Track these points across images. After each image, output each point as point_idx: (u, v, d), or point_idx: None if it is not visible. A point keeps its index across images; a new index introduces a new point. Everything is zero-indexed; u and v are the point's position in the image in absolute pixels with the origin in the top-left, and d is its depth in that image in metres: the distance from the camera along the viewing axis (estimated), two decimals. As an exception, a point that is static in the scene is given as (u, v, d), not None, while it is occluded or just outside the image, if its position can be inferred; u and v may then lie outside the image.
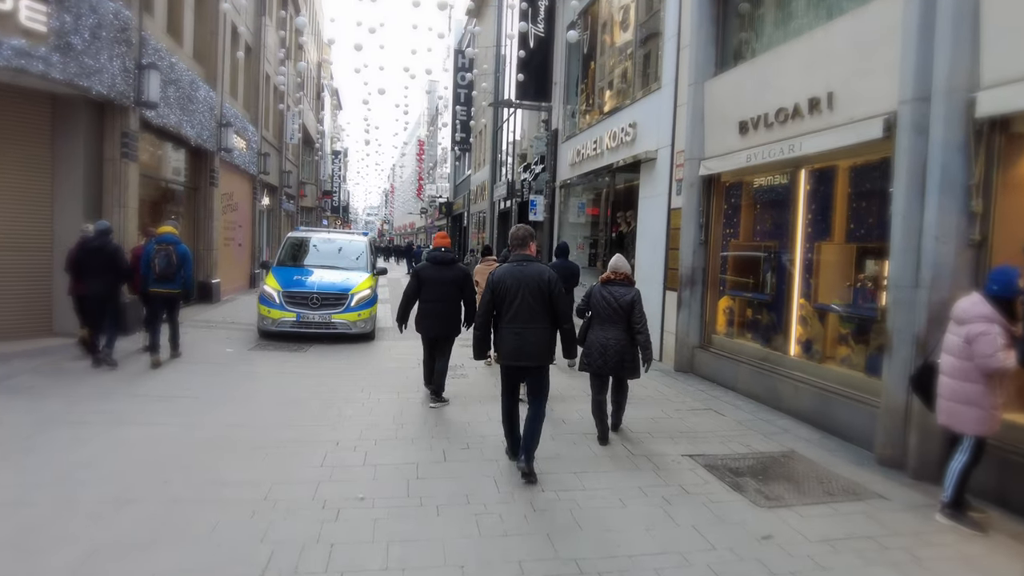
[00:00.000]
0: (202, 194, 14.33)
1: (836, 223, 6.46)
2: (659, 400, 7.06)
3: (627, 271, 5.50)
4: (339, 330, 9.58)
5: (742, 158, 7.31)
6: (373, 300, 10.16)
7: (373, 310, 10.11)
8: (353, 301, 9.68)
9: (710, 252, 8.38)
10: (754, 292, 7.71)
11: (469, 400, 6.75)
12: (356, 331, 9.71)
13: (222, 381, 7.10)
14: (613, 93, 12.25)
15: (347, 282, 9.89)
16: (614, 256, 5.77)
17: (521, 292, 4.43)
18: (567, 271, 8.28)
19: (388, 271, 11.77)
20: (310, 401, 6.41)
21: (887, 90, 5.21)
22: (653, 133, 9.65)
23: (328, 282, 9.85)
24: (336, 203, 47.67)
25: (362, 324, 9.75)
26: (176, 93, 11.53)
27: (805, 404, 6.21)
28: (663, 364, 9.07)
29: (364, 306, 9.80)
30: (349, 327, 9.62)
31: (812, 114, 6.24)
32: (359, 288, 9.85)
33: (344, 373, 7.70)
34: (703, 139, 8.33)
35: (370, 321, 9.94)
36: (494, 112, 24.49)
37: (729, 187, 8.23)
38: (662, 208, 9.22)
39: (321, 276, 10.06)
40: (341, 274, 10.19)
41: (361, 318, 9.71)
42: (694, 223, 8.40)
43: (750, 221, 7.90)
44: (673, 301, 8.77)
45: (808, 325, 6.71)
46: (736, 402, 7.04)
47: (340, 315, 9.54)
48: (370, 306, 9.95)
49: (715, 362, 7.97)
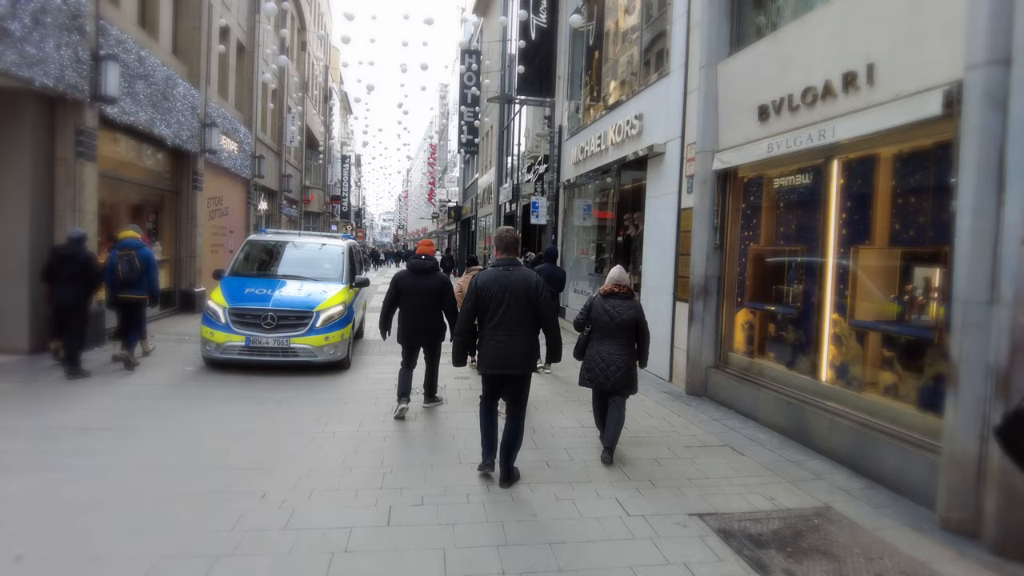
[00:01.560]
0: (184, 198, 13.54)
1: (877, 223, 5.38)
2: (666, 433, 6.01)
3: (628, 284, 5.26)
4: (300, 358, 7.62)
5: (762, 148, 6.26)
6: (347, 319, 8.11)
7: (346, 332, 8.05)
8: (319, 321, 7.71)
9: (726, 258, 7.32)
10: (778, 304, 6.63)
11: (442, 432, 5.76)
12: (322, 359, 7.73)
13: (160, 408, 6.17)
14: (618, 84, 11.23)
15: (312, 297, 8.01)
16: (614, 267, 5.44)
17: (506, 298, 4.28)
18: (553, 277, 8.15)
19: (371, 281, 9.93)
20: (253, 436, 5.45)
21: (947, 55, 4.14)
22: (661, 124, 8.61)
23: (288, 297, 7.94)
24: (346, 208, 47.10)
25: (330, 350, 7.76)
26: (148, 89, 10.73)
27: (842, 443, 5.12)
28: (672, 386, 7.99)
29: (334, 327, 7.81)
30: (313, 354, 7.65)
31: (847, 92, 5.18)
32: (328, 304, 7.91)
33: (304, 398, 6.74)
34: (717, 129, 7.28)
35: (342, 346, 7.93)
36: (500, 112, 23.57)
37: (747, 183, 7.16)
38: (671, 208, 8.17)
39: (281, 289, 8.12)
40: (307, 287, 8.29)
41: (329, 342, 7.72)
42: (707, 225, 7.35)
43: (772, 222, 6.82)
44: (684, 314, 7.71)
45: (843, 345, 5.62)
46: (757, 435, 5.96)
47: (301, 338, 7.58)
48: (342, 326, 7.93)
49: (732, 385, 6.89)
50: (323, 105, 36.48)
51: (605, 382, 5.03)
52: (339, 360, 7.97)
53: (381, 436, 5.61)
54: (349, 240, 10.11)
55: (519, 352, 4.34)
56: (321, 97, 35.75)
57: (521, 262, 4.66)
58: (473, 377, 8.03)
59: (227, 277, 8.53)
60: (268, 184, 21.48)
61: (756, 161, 6.48)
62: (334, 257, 9.23)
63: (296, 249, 9.48)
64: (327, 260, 9.17)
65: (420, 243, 7.06)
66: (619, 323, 5.01)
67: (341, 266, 9.01)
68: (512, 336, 4.31)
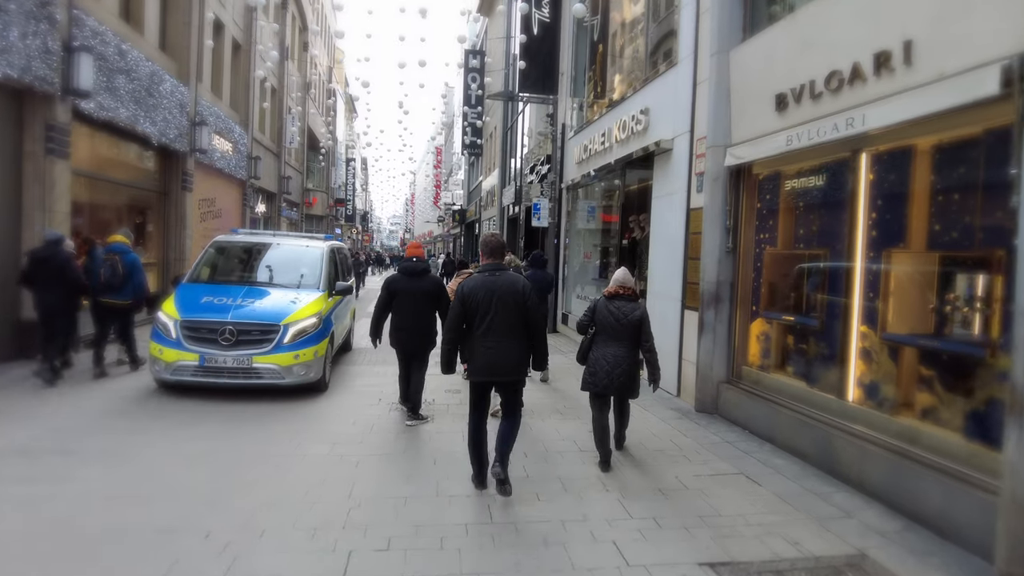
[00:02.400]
0: (173, 199, 13.08)
1: (913, 223, 4.75)
2: (673, 457, 5.39)
3: (633, 285, 5.15)
4: (264, 380, 6.46)
5: (780, 141, 5.65)
6: (322, 333, 6.93)
7: (321, 348, 6.89)
8: (288, 335, 6.52)
9: (739, 262, 6.70)
10: (797, 314, 6.01)
11: (422, 456, 5.17)
12: (291, 381, 6.55)
13: (116, 427, 5.62)
14: (623, 77, 10.64)
15: (280, 307, 6.83)
16: (619, 269, 5.34)
17: (494, 304, 4.21)
18: (542, 282, 7.95)
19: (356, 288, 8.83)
20: (213, 459, 4.89)
21: (1007, 24, 3.53)
22: (668, 118, 8.01)
23: (251, 307, 6.78)
24: (350, 212, 46.72)
25: (301, 370, 6.59)
26: (130, 85, 10.25)
27: (874, 473, 4.49)
28: (681, 402, 7.37)
29: (306, 343, 6.64)
30: (280, 375, 6.47)
31: (879, 75, 4.56)
32: (299, 316, 6.73)
33: (277, 415, 6.17)
34: (729, 121, 6.67)
35: (315, 365, 6.77)
36: (503, 113, 23.04)
37: (763, 180, 6.54)
38: (679, 208, 7.56)
39: (244, 298, 6.95)
40: (277, 295, 7.16)
41: (300, 360, 6.57)
42: (719, 226, 6.73)
43: (791, 223, 6.20)
44: (693, 323, 7.09)
45: (873, 361, 4.99)
46: (775, 461, 5.33)
47: (266, 357, 6.43)
48: (316, 342, 6.77)
49: (746, 403, 6.27)
50: (326, 107, 36.11)
51: (609, 385, 4.92)
52: (312, 382, 6.80)
53: (355, 460, 5.02)
54: (332, 242, 9.00)
55: (510, 358, 4.27)
56: (324, 99, 35.39)
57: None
58: (464, 391, 7.44)
59: (185, 284, 7.41)
60: (266, 186, 21.02)
61: (773, 156, 5.87)
62: (311, 261, 8.00)
63: (269, 252, 8.29)
64: (303, 265, 7.95)
65: (409, 245, 6.90)
66: (624, 325, 4.92)
67: (319, 271, 7.79)
68: (502, 342, 4.23)
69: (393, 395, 7.01)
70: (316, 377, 6.84)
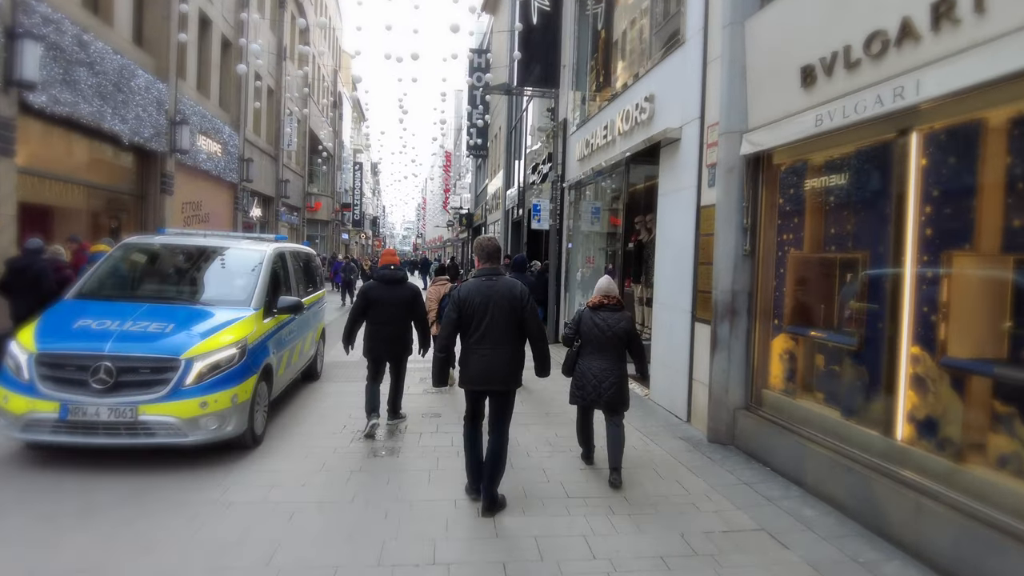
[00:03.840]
0: (152, 202, 12.35)
1: (981, 220, 3.77)
2: (680, 505, 4.43)
3: (617, 294, 4.99)
4: (158, 438, 4.60)
5: (807, 122, 4.69)
6: (247, 368, 5.05)
7: (244, 389, 4.95)
8: (191, 374, 4.65)
9: (759, 268, 5.73)
10: (829, 330, 5.02)
11: (371, 507, 4.25)
12: (198, 438, 4.68)
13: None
14: (627, 65, 9.70)
15: (183, 334, 4.88)
16: (601, 278, 5.10)
17: (490, 310, 4.09)
18: None
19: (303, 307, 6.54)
20: (112, 511, 4.02)
21: None
22: (676, 105, 7.06)
23: (143, 333, 4.79)
24: (358, 216, 46.10)
25: (212, 422, 4.70)
26: (93, 79, 9.51)
27: (937, 538, 3.51)
28: (692, 429, 6.39)
29: (220, 383, 4.77)
30: (179, 431, 4.60)
31: (939, 29, 3.60)
32: (209, 346, 4.84)
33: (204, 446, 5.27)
34: (745, 103, 5.72)
35: (234, 414, 4.84)
36: (507, 113, 22.19)
37: (786, 171, 5.57)
38: (688, 206, 6.61)
39: (136, 321, 4.93)
40: (185, 316, 5.21)
41: (210, 409, 4.66)
42: (734, 226, 5.77)
43: (820, 220, 5.22)
44: (705, 338, 6.13)
45: (929, 391, 4.00)
46: (804, 512, 4.35)
47: (159, 406, 4.54)
48: (236, 381, 4.88)
49: (767, 434, 5.29)
50: (332, 110, 35.51)
51: (598, 399, 4.77)
52: (231, 437, 4.91)
53: (289, 511, 4.12)
54: (283, 245, 7.11)
55: (505, 366, 4.13)
56: (330, 102, 34.79)
57: None
58: (444, 416, 6.54)
59: (65, 301, 5.46)
60: (262, 189, 20.34)
61: (798, 140, 4.90)
62: (244, 270, 6.05)
63: (193, 257, 6.41)
64: (234, 275, 6.10)
65: (383, 253, 6.61)
66: (610, 336, 4.75)
67: (253, 283, 5.81)
68: (497, 349, 4.09)
69: (358, 423, 6.13)
70: (236, 430, 4.92)
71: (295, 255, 7.52)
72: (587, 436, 5.17)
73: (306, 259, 8.19)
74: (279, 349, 6.03)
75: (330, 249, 33.81)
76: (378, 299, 5.88)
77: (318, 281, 8.57)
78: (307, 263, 8.17)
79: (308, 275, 8.00)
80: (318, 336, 8.26)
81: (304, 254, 8.23)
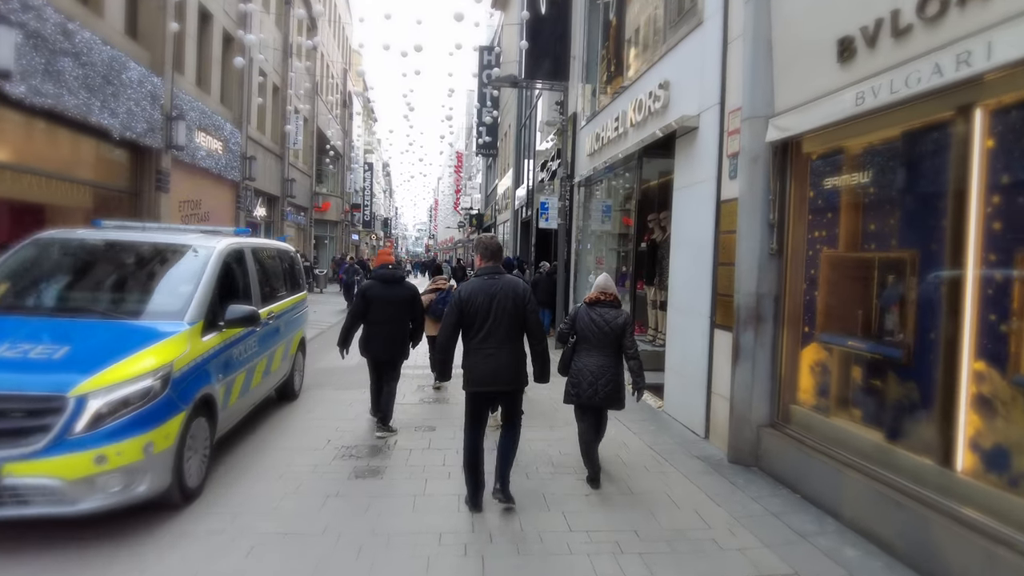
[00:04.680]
0: (146, 200, 11.92)
1: (1062, 211, 3.15)
2: (699, 541, 3.83)
3: (615, 291, 4.91)
4: (31, 507, 3.33)
5: (845, 101, 4.08)
6: (173, 404, 3.83)
7: (166, 433, 3.74)
8: (84, 416, 3.41)
9: (787, 269, 5.12)
10: (869, 340, 4.40)
11: (344, 538, 3.70)
12: (91, 506, 3.40)
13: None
14: (639, 52, 9.11)
15: (72, 362, 3.60)
16: (600, 275, 4.97)
17: (494, 309, 4.02)
18: None
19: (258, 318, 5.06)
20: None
21: None
22: (693, 91, 6.47)
23: (16, 357, 3.57)
24: (368, 217, 45.80)
25: (116, 482, 3.46)
26: (79, 70, 9.09)
27: (1012, 596, 2.89)
28: (711, 447, 5.78)
29: (130, 427, 3.53)
30: (63, 497, 3.33)
31: (1014, -18, 2.99)
32: (115, 375, 3.59)
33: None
34: (771, 85, 5.12)
35: (149, 467, 3.62)
36: (516, 111, 21.65)
37: (818, 160, 4.96)
38: (706, 201, 6.02)
39: (14, 343, 3.70)
40: (91, 334, 3.99)
41: (116, 463, 3.43)
42: (759, 222, 5.17)
43: (858, 215, 4.61)
44: (725, 347, 5.53)
45: (998, 415, 3.38)
46: (845, 552, 3.74)
47: (31, 463, 3.28)
48: (153, 423, 3.66)
49: (797, 455, 4.68)
50: (342, 109, 35.18)
51: (593, 396, 4.65)
52: (149, 497, 3.66)
53: (249, 544, 3.59)
54: (241, 240, 5.66)
55: (511, 365, 4.08)
56: (339, 101, 34.45)
57: None
58: (439, 429, 5.99)
59: None
60: (267, 188, 19.95)
61: (834, 123, 4.30)
62: (184, 272, 4.73)
63: (118, 258, 4.97)
64: (170, 278, 4.80)
65: (380, 253, 6.68)
66: (606, 332, 4.64)
67: (192, 290, 4.49)
68: (501, 349, 4.04)
69: (344, 436, 5.62)
70: (154, 488, 3.66)
71: (261, 253, 6.16)
72: (591, 453, 4.73)
73: (279, 257, 6.90)
74: (228, 373, 4.72)
75: (340, 250, 33.47)
76: (377, 298, 5.78)
77: (300, 283, 7.46)
78: (283, 262, 6.95)
79: (283, 277, 6.81)
80: (294, 348, 6.83)
81: (277, 251, 6.97)
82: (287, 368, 6.66)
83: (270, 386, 6.19)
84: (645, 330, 9.40)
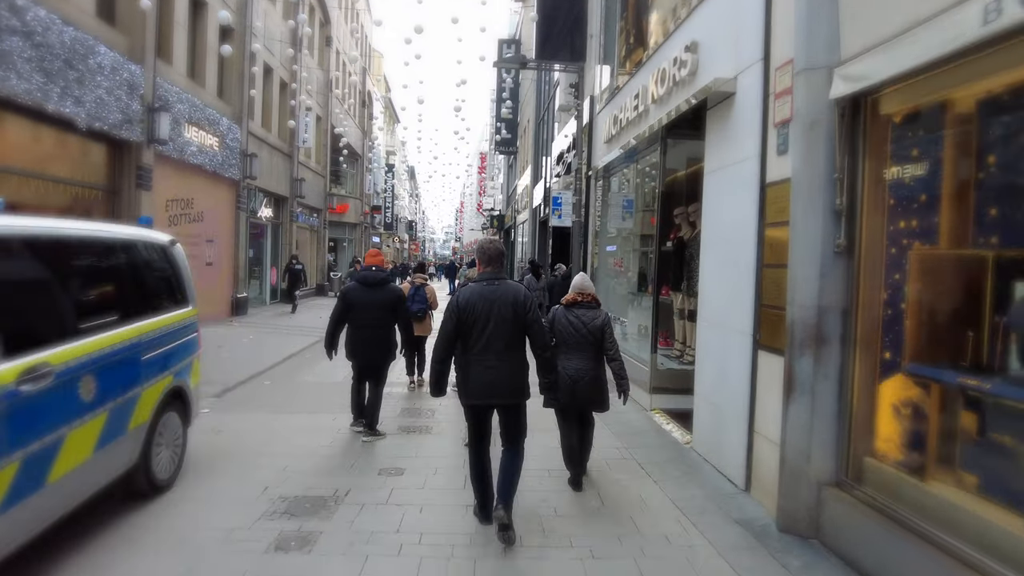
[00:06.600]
0: (125, 198, 11.00)
1: None
2: None
3: (593, 291, 4.78)
4: None
5: (967, 21, 2.75)
6: None
7: None
8: None
9: (859, 273, 3.77)
10: (985, 375, 3.04)
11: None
12: None
13: None
14: (660, 18, 7.79)
15: None
16: (578, 275, 4.89)
17: (493, 317, 3.83)
18: None
19: None
20: None
21: None
22: (727, 49, 5.16)
23: None
24: (390, 219, 45.05)
25: None
26: (32, 51, 8.15)
27: None
28: (752, 503, 4.45)
29: None
30: None
31: None
32: None
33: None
34: (836, 24, 3.79)
35: None
36: (535, 106, 20.43)
37: (905, 122, 3.62)
38: (747, 184, 4.70)
39: None
40: None
41: None
42: (820, 210, 3.84)
43: (967, 197, 3.26)
44: (775, 375, 4.20)
45: None
46: None
47: None
48: None
49: (876, 531, 3.33)
50: (361, 109, 34.39)
51: (572, 400, 4.52)
52: None
53: None
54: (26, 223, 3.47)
55: (511, 377, 3.85)
56: (359, 101, 33.66)
57: None
58: (409, 466, 4.79)
59: None
60: (273, 188, 19.06)
61: (942, 59, 2.96)
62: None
63: None
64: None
65: (368, 254, 6.38)
66: (584, 334, 4.54)
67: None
68: (502, 360, 3.82)
69: (288, 481, 4.45)
70: None
71: (80, 247, 3.73)
72: (573, 457, 4.66)
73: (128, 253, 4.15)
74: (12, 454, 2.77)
75: (358, 252, 32.66)
76: (357, 301, 5.75)
77: (178, 295, 4.76)
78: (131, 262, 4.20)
79: (129, 287, 4.13)
80: (154, 402, 4.13)
81: (124, 244, 4.14)
82: (135, 451, 3.93)
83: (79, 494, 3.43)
84: (671, 343, 8.08)
